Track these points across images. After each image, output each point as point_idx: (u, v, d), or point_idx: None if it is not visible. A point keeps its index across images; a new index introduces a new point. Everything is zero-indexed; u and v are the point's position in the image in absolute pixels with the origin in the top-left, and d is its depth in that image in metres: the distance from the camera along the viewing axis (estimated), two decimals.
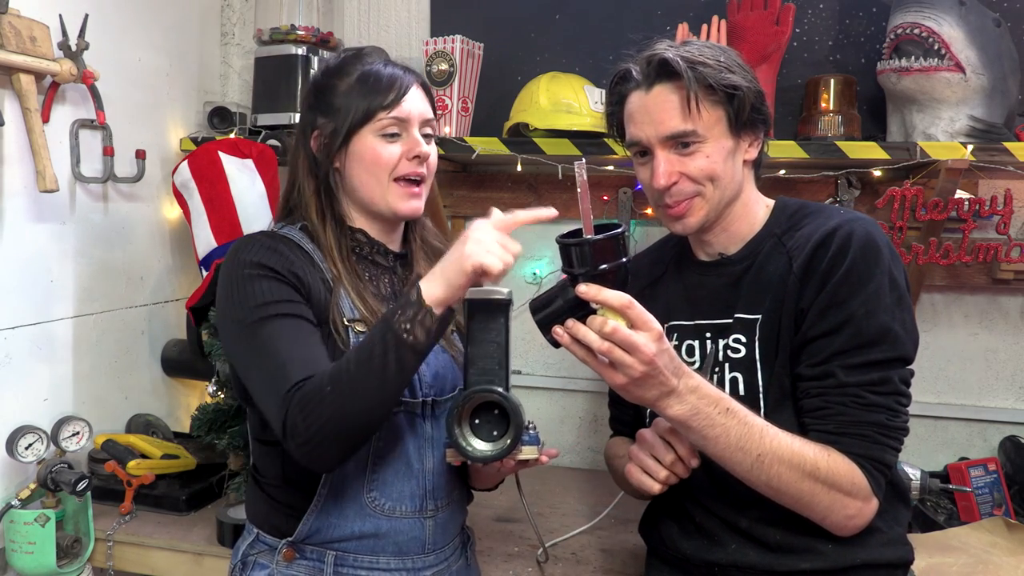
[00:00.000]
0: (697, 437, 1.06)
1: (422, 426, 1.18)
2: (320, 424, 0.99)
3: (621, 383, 1.00)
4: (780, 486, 1.06)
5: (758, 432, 1.06)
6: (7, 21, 1.50)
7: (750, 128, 1.18)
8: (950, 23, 1.61)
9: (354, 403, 1.00)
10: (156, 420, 1.98)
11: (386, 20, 2.16)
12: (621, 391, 1.02)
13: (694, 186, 1.16)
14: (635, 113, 1.19)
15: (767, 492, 1.08)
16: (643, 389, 1.00)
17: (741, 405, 1.07)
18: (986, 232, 1.84)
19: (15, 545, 1.54)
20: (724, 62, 1.15)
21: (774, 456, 1.05)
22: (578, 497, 1.90)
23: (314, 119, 1.22)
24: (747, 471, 1.06)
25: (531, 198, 2.10)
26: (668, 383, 1.00)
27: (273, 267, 1.11)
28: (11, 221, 1.61)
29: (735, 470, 1.07)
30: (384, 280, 1.24)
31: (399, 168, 1.18)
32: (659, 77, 1.15)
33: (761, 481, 1.07)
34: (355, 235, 1.22)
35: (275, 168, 1.89)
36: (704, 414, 1.03)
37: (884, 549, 1.14)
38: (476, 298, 1.04)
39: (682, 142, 1.15)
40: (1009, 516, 1.66)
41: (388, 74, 1.19)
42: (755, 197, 1.25)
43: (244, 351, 1.10)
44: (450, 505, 1.23)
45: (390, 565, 1.16)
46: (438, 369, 1.20)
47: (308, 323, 1.11)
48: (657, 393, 1.01)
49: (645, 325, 0.97)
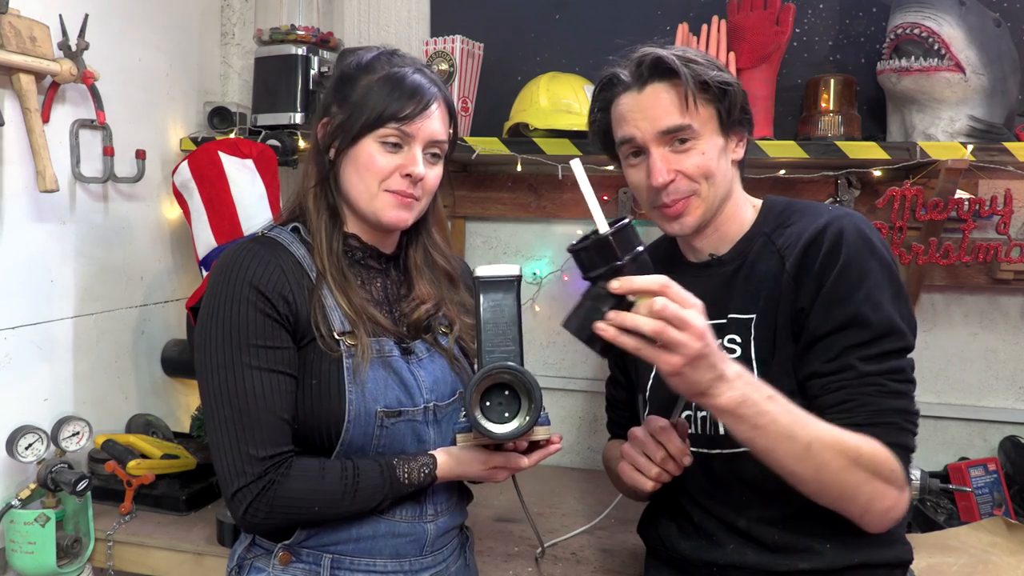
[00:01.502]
0: (747, 428, 0.99)
1: (424, 432, 1.18)
2: (282, 520, 1.10)
3: (677, 364, 0.93)
4: (827, 476, 1.02)
5: (803, 419, 1.01)
6: (7, 21, 1.50)
7: (737, 127, 1.20)
8: (950, 23, 1.61)
9: (325, 514, 1.12)
10: (156, 420, 1.97)
11: (386, 20, 2.16)
12: (675, 378, 0.95)
13: (690, 184, 1.16)
14: (627, 113, 1.18)
15: (812, 486, 1.04)
16: (698, 372, 0.94)
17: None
18: (986, 232, 1.84)
19: (15, 545, 1.54)
20: (712, 61, 1.17)
21: (822, 443, 1.01)
22: (578, 497, 1.90)
23: (329, 106, 1.19)
24: (796, 461, 1.01)
25: (531, 198, 2.10)
26: (719, 365, 0.95)
27: (266, 293, 1.09)
28: (11, 221, 1.61)
29: (783, 461, 1.02)
30: (376, 283, 1.23)
31: (390, 181, 1.15)
32: (652, 76, 1.15)
33: (809, 472, 1.01)
34: (347, 240, 1.21)
35: (275, 168, 1.89)
36: (752, 401, 0.98)
37: (882, 549, 1.14)
38: (486, 276, 1.04)
39: (678, 138, 1.15)
40: (1009, 516, 1.66)
41: (412, 85, 1.14)
42: (743, 197, 1.26)
43: (216, 389, 1.09)
44: (450, 509, 1.23)
45: (387, 567, 1.16)
46: (437, 375, 1.20)
47: (286, 377, 1.10)
48: (711, 377, 0.95)
49: (686, 302, 0.93)
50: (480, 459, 1.14)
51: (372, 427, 1.12)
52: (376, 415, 1.12)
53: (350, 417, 1.11)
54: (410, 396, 1.16)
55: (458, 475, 1.16)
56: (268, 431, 1.08)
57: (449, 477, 1.16)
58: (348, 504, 1.10)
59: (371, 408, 1.12)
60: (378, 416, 1.12)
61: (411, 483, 1.13)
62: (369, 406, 1.12)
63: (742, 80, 1.83)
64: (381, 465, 1.12)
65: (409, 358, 1.18)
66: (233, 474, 1.07)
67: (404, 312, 1.23)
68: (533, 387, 1.02)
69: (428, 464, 1.14)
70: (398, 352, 1.17)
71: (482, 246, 2.20)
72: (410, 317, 1.22)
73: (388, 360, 1.15)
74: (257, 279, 1.10)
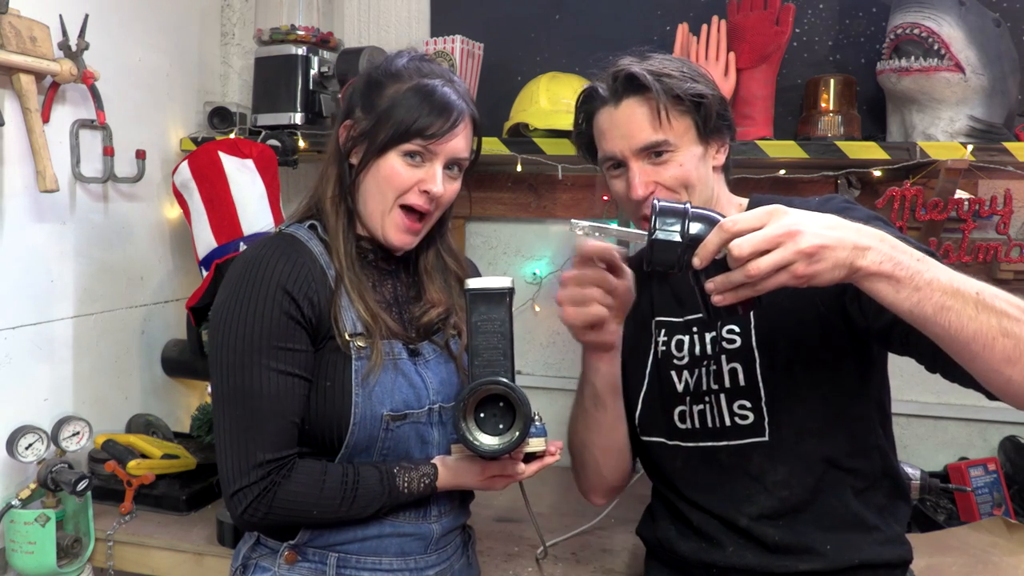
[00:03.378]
0: (908, 292, 0.87)
1: (429, 433, 1.18)
2: (279, 521, 1.11)
3: (809, 269, 0.86)
4: (1011, 327, 0.87)
5: (955, 273, 0.89)
6: (7, 21, 1.50)
7: (716, 134, 1.21)
8: (950, 23, 1.61)
9: (322, 518, 1.12)
10: (156, 420, 1.97)
11: (386, 20, 2.16)
12: (826, 273, 0.87)
13: (670, 194, 1.17)
14: (606, 130, 1.20)
15: (995, 354, 0.87)
16: (831, 257, 0.86)
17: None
18: (986, 232, 1.84)
19: (15, 545, 1.54)
20: (688, 72, 1.18)
21: (990, 291, 0.88)
22: (578, 497, 1.89)
23: (352, 109, 1.18)
24: (973, 319, 0.86)
25: (531, 198, 2.10)
26: (845, 239, 0.86)
27: (294, 295, 1.09)
28: (11, 221, 1.61)
29: (961, 322, 0.86)
30: (387, 285, 1.23)
31: (407, 195, 1.14)
32: (627, 91, 1.17)
33: (991, 326, 0.87)
34: (360, 242, 1.20)
35: (275, 168, 1.89)
36: (904, 264, 0.87)
37: (882, 549, 1.14)
38: (478, 289, 1.03)
39: (655, 151, 1.17)
40: (1009, 516, 1.67)
41: (441, 101, 1.12)
42: (727, 199, 1.27)
43: (230, 387, 1.08)
44: (453, 509, 1.23)
45: (392, 566, 1.16)
46: (443, 376, 1.20)
47: (301, 380, 1.10)
48: (845, 254, 0.86)
49: (750, 223, 0.87)
50: (476, 470, 1.14)
51: (377, 430, 1.12)
52: (382, 419, 1.12)
53: (355, 420, 1.11)
54: (417, 397, 1.16)
55: (455, 485, 1.17)
56: (276, 434, 1.08)
57: (447, 487, 1.16)
58: (346, 510, 1.11)
59: (377, 411, 1.12)
60: (384, 419, 1.12)
61: (411, 493, 1.13)
62: (375, 409, 1.11)
63: (742, 80, 1.83)
64: (382, 473, 1.12)
65: (416, 359, 1.18)
66: (236, 474, 1.07)
67: (414, 315, 1.22)
68: (522, 403, 1.01)
69: (429, 475, 1.14)
70: (406, 354, 1.17)
71: (482, 246, 2.20)
72: (420, 321, 1.21)
73: (396, 362, 1.15)
74: (286, 280, 1.09)
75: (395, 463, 1.14)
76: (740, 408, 1.17)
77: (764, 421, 1.15)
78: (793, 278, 0.87)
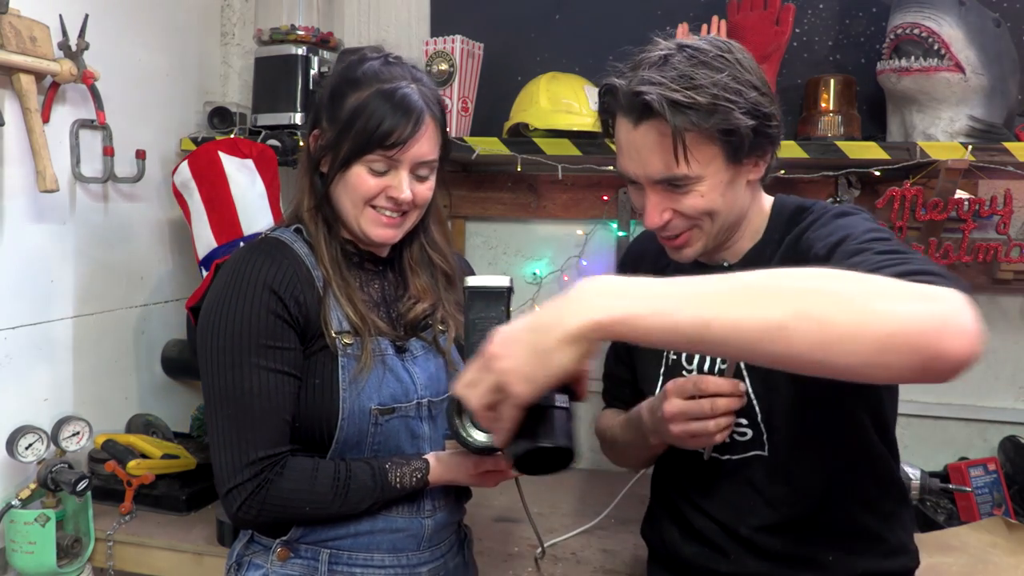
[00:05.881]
0: (713, 344, 0.74)
1: (419, 427, 1.19)
2: (273, 518, 1.11)
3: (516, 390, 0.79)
4: (805, 306, 0.71)
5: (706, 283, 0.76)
6: (7, 21, 1.50)
7: (753, 152, 1.07)
8: (950, 23, 1.61)
9: (315, 514, 1.13)
10: (156, 420, 1.97)
11: (386, 20, 2.16)
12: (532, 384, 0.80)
13: (689, 221, 1.09)
14: (624, 147, 1.09)
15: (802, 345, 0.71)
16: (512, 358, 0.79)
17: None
18: (986, 232, 1.84)
19: (15, 545, 1.54)
20: (721, 92, 1.01)
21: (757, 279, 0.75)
22: (578, 497, 1.90)
23: (320, 119, 1.18)
24: (784, 343, 0.71)
25: (531, 198, 2.10)
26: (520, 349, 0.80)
27: (280, 295, 1.10)
28: (11, 221, 1.61)
29: (780, 352, 0.72)
30: (374, 285, 1.24)
31: (376, 200, 1.14)
32: (643, 116, 1.04)
33: (774, 316, 0.71)
34: (344, 246, 1.21)
35: (275, 168, 1.89)
36: (633, 314, 0.75)
37: (886, 559, 1.13)
38: (476, 287, 1.04)
39: (673, 183, 1.06)
40: (1009, 516, 1.66)
41: (401, 105, 1.11)
42: (757, 209, 1.16)
43: (220, 387, 1.09)
44: (447, 505, 1.23)
45: (385, 562, 1.17)
46: (431, 371, 1.20)
47: (290, 378, 1.11)
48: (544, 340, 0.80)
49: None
50: (468, 465, 1.15)
51: (366, 424, 1.13)
52: (370, 413, 1.13)
53: (344, 415, 1.12)
54: (404, 391, 1.16)
55: (448, 481, 1.17)
56: (269, 432, 1.09)
57: (440, 483, 1.17)
58: (338, 506, 1.12)
59: (365, 406, 1.13)
60: (372, 414, 1.13)
61: (403, 488, 1.14)
62: (363, 404, 1.13)
63: None
64: (374, 468, 1.13)
65: (404, 355, 1.19)
66: (229, 472, 1.08)
67: (400, 312, 1.23)
68: None
69: (421, 469, 1.15)
70: (392, 350, 1.18)
71: (482, 246, 2.20)
72: (406, 316, 1.22)
73: (384, 358, 1.16)
74: (272, 280, 1.10)
75: (387, 459, 1.15)
76: (738, 425, 1.14)
77: (763, 436, 1.13)
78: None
